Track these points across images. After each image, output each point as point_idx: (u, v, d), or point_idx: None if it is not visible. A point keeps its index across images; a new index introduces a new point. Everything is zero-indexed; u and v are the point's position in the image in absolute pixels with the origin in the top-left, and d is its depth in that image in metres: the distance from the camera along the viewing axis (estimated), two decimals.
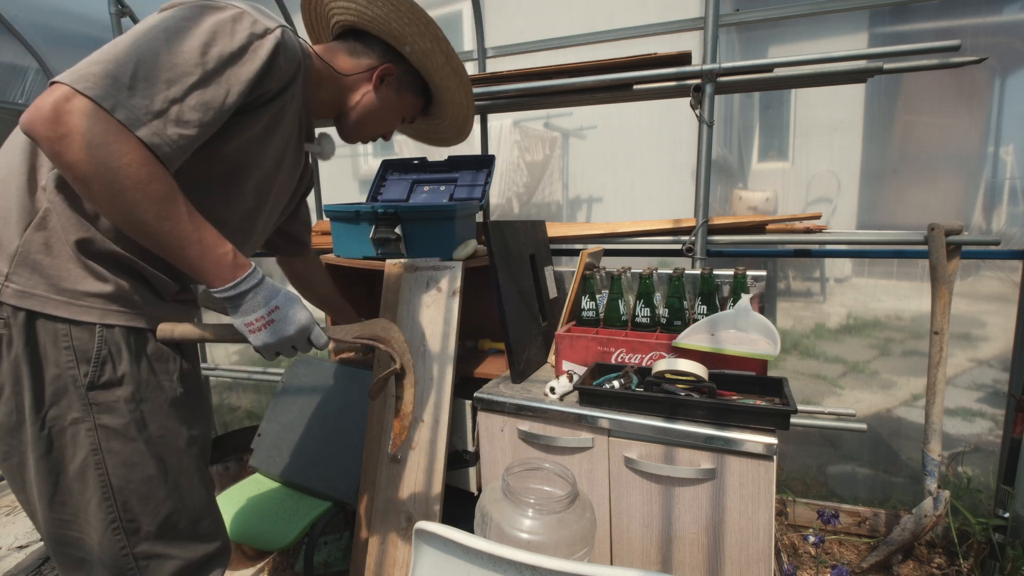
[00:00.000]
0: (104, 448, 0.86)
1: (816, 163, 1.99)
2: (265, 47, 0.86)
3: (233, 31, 0.83)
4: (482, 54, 2.32)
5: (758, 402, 1.20)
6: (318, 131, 1.17)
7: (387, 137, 1.25)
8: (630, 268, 1.64)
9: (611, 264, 1.71)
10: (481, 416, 1.43)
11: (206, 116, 0.81)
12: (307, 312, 0.95)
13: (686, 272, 1.54)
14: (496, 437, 1.42)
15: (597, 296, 1.58)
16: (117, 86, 0.73)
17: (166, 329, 0.91)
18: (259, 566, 1.85)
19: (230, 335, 0.93)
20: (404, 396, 1.08)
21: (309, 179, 1.28)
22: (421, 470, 1.47)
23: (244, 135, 0.92)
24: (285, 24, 0.91)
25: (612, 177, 2.30)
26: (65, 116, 0.70)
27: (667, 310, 1.49)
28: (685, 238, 1.79)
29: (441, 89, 1.24)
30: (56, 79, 0.73)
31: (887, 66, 1.55)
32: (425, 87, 1.24)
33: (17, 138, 0.86)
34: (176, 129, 0.78)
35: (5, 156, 0.86)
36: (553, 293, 1.81)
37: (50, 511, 0.87)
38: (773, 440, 1.10)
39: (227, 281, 0.85)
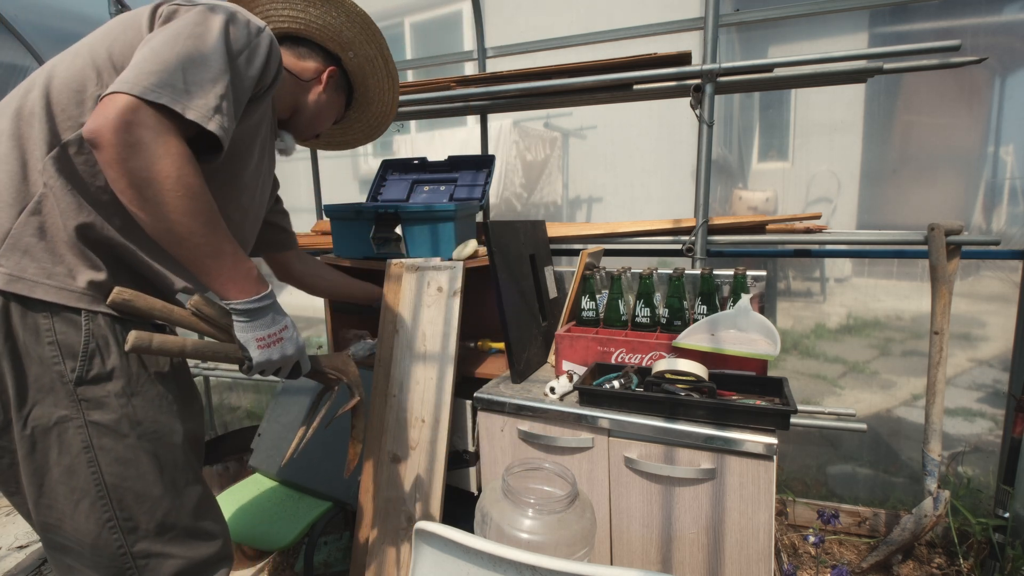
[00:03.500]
0: (96, 445, 0.84)
1: (816, 163, 1.99)
2: (263, 43, 0.91)
3: (237, 30, 0.88)
4: (482, 54, 2.32)
5: (758, 402, 1.20)
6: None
7: (320, 136, 1.34)
8: (630, 268, 1.64)
9: (611, 264, 1.71)
10: (481, 416, 1.43)
11: (238, 109, 0.88)
12: (303, 343, 1.01)
13: (686, 272, 1.54)
14: (496, 437, 1.42)
15: (597, 296, 1.58)
16: (177, 91, 0.78)
17: (143, 338, 0.83)
18: (259, 566, 1.85)
19: (218, 351, 0.93)
20: (358, 425, 1.18)
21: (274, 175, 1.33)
22: (421, 470, 1.47)
23: (241, 126, 0.94)
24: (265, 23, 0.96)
25: (612, 177, 2.30)
26: (135, 127, 0.75)
27: (667, 310, 1.49)
28: (685, 238, 1.79)
29: (372, 91, 1.32)
30: (114, 89, 0.75)
31: (887, 66, 1.55)
32: (349, 90, 1.30)
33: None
34: (228, 121, 0.84)
35: None
36: (553, 293, 1.81)
37: (37, 512, 0.86)
38: (773, 440, 1.10)
39: (251, 294, 0.88)
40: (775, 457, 1.11)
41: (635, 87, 1.78)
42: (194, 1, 0.88)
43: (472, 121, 2.51)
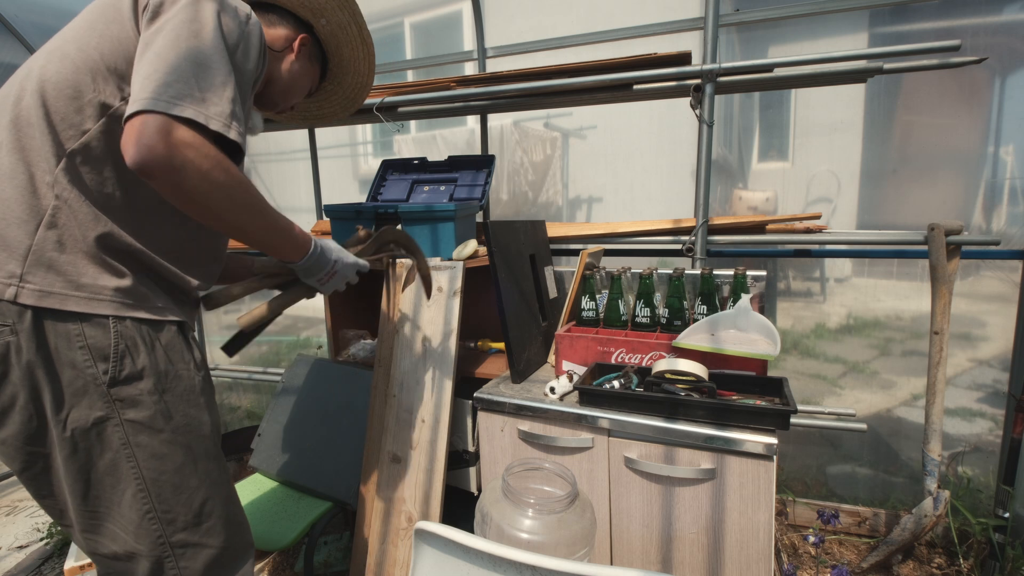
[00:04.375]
0: (133, 442, 0.88)
1: (816, 163, 1.99)
2: (254, 32, 0.92)
3: (228, 22, 0.86)
4: (482, 54, 2.32)
5: (758, 402, 1.20)
6: None
7: (295, 108, 1.29)
8: (630, 268, 1.64)
9: (611, 264, 1.71)
10: (481, 416, 1.43)
11: (246, 107, 0.91)
12: (351, 255, 1.14)
13: (686, 272, 1.54)
14: (496, 437, 1.42)
15: (597, 296, 1.58)
16: (196, 100, 0.79)
17: (252, 318, 1.06)
18: (259, 566, 1.85)
19: (290, 300, 1.11)
20: (421, 266, 1.38)
21: None
22: (421, 470, 1.47)
23: None
24: (247, 5, 0.95)
25: (612, 177, 2.30)
26: (177, 149, 0.76)
27: (667, 310, 1.49)
28: (685, 238, 1.79)
29: (347, 60, 1.28)
30: (140, 108, 0.75)
31: (887, 66, 1.55)
32: (323, 59, 1.26)
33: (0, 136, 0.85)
34: (242, 125, 0.86)
35: None
36: (553, 293, 1.81)
37: (85, 505, 0.89)
38: (773, 440, 1.10)
39: (305, 252, 1.02)
40: (775, 457, 1.11)
41: (635, 87, 1.78)
42: None
43: (472, 121, 2.51)
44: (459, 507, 1.56)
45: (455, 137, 2.60)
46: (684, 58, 1.70)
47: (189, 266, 0.97)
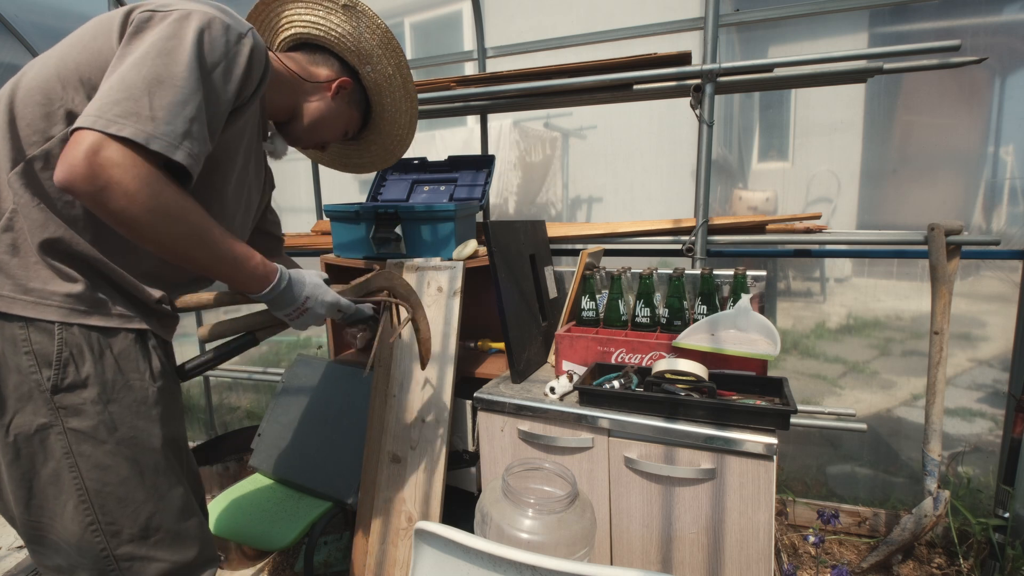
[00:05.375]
0: (75, 452, 0.85)
1: (816, 163, 1.99)
2: (243, 53, 0.89)
3: (212, 40, 0.85)
4: (482, 54, 2.32)
5: (758, 402, 1.20)
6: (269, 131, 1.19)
7: (325, 148, 1.29)
8: (630, 268, 1.64)
9: (611, 264, 1.71)
10: (481, 416, 1.43)
11: (212, 127, 0.86)
12: (332, 293, 1.08)
13: (686, 272, 1.54)
14: (496, 437, 1.42)
15: (597, 296, 1.58)
16: (142, 119, 0.76)
17: (217, 329, 1.02)
18: (259, 566, 1.85)
19: (262, 322, 1.07)
20: (420, 326, 1.27)
21: (271, 176, 1.29)
22: (421, 470, 1.47)
23: (223, 136, 0.93)
24: (250, 25, 0.93)
25: (612, 177, 2.30)
26: (103, 168, 0.73)
27: (667, 310, 1.49)
28: (685, 238, 1.79)
29: (388, 111, 1.28)
30: (79, 125, 0.74)
31: (887, 66, 1.55)
32: (367, 108, 1.27)
33: None
34: (198, 146, 0.82)
35: None
36: (553, 293, 1.81)
37: (28, 514, 0.87)
38: (773, 440, 1.10)
39: (263, 287, 0.97)
40: (775, 457, 1.11)
41: (635, 87, 1.78)
42: (169, 6, 0.83)
43: (472, 121, 2.51)
44: (459, 507, 1.56)
45: (455, 137, 2.59)
46: (684, 58, 1.70)
47: (150, 279, 0.94)
